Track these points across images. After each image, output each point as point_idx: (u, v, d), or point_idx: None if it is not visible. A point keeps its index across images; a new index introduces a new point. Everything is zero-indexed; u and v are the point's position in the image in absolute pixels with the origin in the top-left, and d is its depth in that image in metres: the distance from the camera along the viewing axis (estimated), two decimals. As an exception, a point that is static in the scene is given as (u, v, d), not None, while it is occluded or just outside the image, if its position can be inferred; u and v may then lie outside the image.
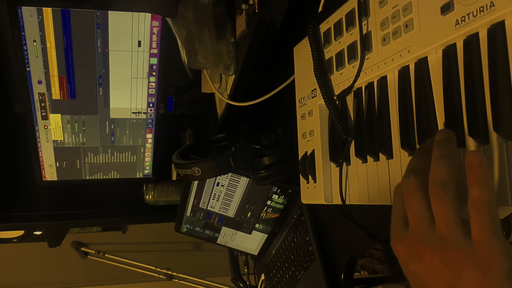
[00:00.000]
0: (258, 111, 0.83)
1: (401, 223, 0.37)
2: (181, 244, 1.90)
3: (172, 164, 0.80)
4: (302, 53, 0.61)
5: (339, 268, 0.70)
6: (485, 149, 0.35)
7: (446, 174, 0.33)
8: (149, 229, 1.77)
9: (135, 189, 1.05)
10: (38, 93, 0.84)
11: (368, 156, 0.49)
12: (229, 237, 0.97)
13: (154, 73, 0.87)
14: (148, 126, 0.96)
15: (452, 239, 0.32)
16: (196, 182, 0.85)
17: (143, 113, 0.93)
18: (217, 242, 0.98)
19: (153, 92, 0.90)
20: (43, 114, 0.88)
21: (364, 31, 0.47)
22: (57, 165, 0.96)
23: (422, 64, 0.41)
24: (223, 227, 0.94)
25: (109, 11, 0.77)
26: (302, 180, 0.61)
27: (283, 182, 0.84)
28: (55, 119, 0.89)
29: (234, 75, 0.75)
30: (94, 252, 1.80)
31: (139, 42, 0.82)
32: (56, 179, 0.98)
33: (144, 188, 1.04)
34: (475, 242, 0.31)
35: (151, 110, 0.93)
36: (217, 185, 0.86)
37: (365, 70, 0.48)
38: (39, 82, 0.83)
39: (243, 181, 0.85)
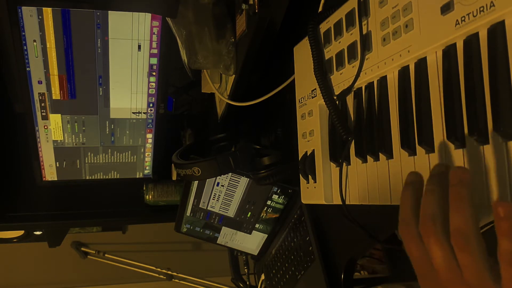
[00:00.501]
0: (258, 111, 0.83)
1: (427, 264, 0.36)
2: (181, 244, 1.90)
3: (172, 164, 0.80)
4: (302, 53, 0.61)
5: (339, 268, 0.70)
6: (485, 149, 0.35)
7: (467, 223, 0.32)
8: (149, 229, 1.77)
9: (135, 189, 1.05)
10: (38, 93, 0.84)
11: (368, 156, 0.49)
12: (229, 237, 0.97)
13: (154, 73, 0.87)
14: (148, 126, 0.96)
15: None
16: (196, 182, 0.85)
17: (143, 113, 0.93)
18: (217, 242, 0.98)
19: (153, 92, 0.90)
20: (43, 114, 0.88)
21: (364, 31, 0.47)
22: (57, 165, 0.96)
23: (422, 64, 0.41)
24: (223, 227, 0.94)
25: (109, 11, 0.77)
26: (302, 180, 0.61)
27: (283, 182, 0.84)
28: (55, 119, 0.89)
29: (234, 75, 0.75)
30: (94, 252, 1.80)
31: (139, 43, 0.82)
32: (56, 179, 0.98)
33: (144, 188, 1.04)
34: None
35: (151, 110, 0.93)
36: (217, 185, 0.85)
37: (365, 70, 0.48)
38: (39, 82, 0.83)
39: (243, 181, 0.85)
